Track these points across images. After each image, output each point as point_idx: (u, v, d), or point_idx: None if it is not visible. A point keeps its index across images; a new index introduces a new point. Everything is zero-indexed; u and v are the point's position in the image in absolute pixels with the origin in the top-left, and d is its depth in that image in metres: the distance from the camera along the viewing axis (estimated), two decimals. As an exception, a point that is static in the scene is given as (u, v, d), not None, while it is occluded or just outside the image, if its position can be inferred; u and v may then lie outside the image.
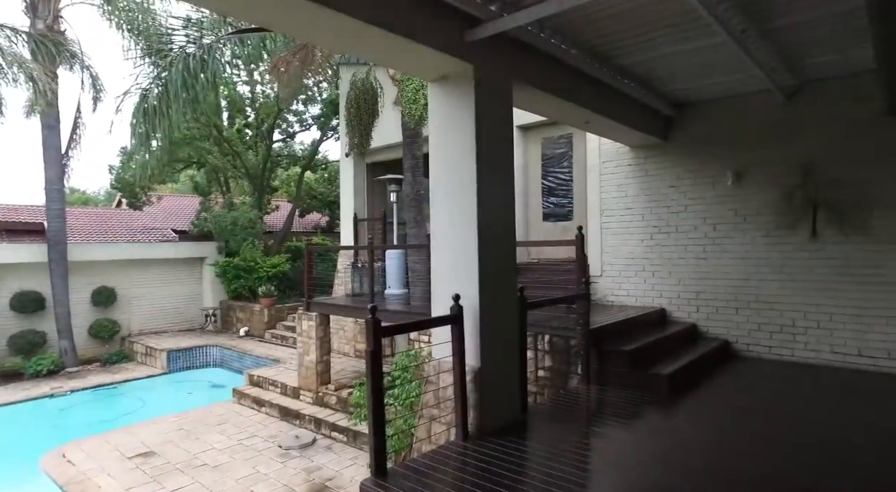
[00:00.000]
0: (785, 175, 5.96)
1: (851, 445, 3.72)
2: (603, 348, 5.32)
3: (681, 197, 6.70)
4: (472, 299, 3.91)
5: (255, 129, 18.57)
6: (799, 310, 5.89)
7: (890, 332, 5.38)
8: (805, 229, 5.83)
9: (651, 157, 6.96)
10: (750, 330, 6.21)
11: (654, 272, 6.92)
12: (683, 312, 6.70)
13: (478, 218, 3.92)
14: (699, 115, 6.58)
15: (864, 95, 5.50)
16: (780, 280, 6.00)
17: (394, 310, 7.92)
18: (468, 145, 3.96)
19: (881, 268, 5.43)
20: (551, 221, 8.29)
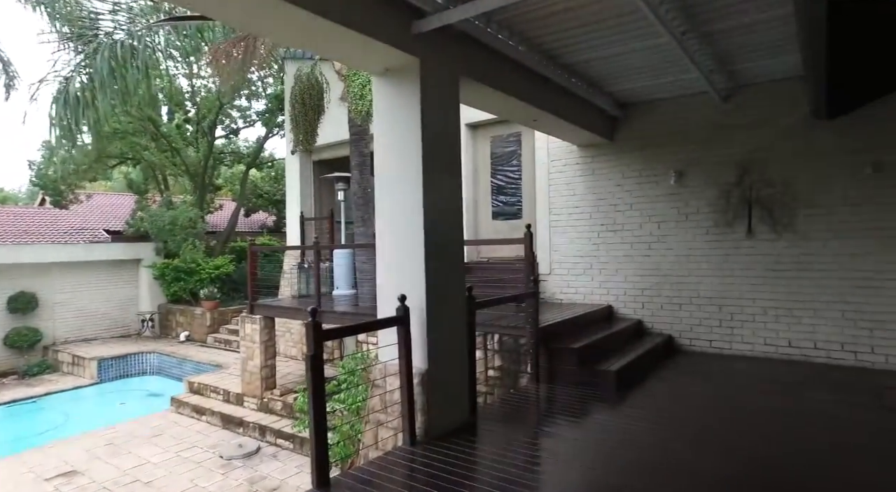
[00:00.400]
0: (723, 175, 6.16)
1: (780, 432, 3.84)
2: (552, 347, 5.32)
3: (627, 195, 6.83)
4: (419, 300, 3.80)
5: (196, 124, 17.74)
6: (736, 305, 6.10)
7: (816, 323, 5.65)
8: (742, 227, 6.05)
9: (598, 156, 7.06)
10: (692, 325, 6.39)
11: (602, 270, 7.02)
12: (630, 309, 6.83)
13: (424, 216, 3.80)
14: (643, 116, 6.72)
15: (793, 99, 5.74)
16: (720, 276, 6.20)
17: (342, 311, 7.70)
18: (414, 141, 3.84)
19: (807, 263, 5.69)
20: (501, 219, 8.28)
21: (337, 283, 9.42)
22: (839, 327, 5.54)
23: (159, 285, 14.99)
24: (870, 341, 5.40)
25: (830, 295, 5.58)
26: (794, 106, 5.75)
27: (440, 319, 3.92)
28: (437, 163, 3.94)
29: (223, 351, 12.63)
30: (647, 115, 6.68)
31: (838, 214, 5.54)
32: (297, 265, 10.28)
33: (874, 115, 5.36)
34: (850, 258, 5.49)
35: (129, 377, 12.51)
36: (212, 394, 9.14)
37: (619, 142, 6.90)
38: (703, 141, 6.29)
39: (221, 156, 19.29)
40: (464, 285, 4.22)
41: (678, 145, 6.45)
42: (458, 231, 4.18)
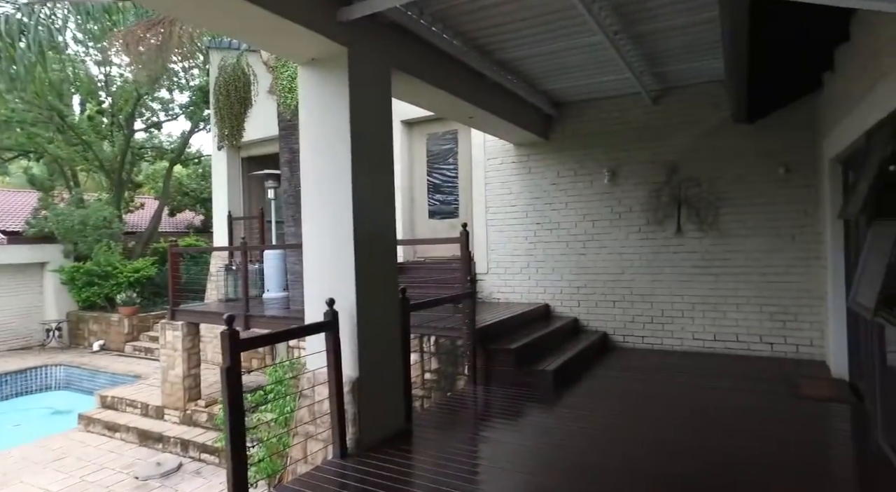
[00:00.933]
0: (653, 174, 6.31)
1: (708, 425, 3.92)
2: (489, 347, 5.22)
3: (562, 194, 6.87)
4: (349, 303, 3.57)
5: (111, 116, 16.41)
6: (666, 301, 6.27)
7: (738, 318, 5.89)
8: (671, 225, 6.22)
9: (533, 154, 7.06)
10: (626, 322, 6.52)
11: (538, 269, 7.03)
12: (566, 308, 6.87)
13: (353, 214, 3.58)
14: (577, 115, 6.78)
15: (716, 103, 5.97)
16: (651, 274, 6.34)
17: (272, 315, 7.30)
18: (342, 136, 3.60)
19: (729, 260, 5.93)
20: (438, 218, 8.14)
21: (267, 285, 8.94)
22: (758, 321, 5.80)
23: (68, 291, 13.73)
24: (783, 333, 5.68)
25: (750, 290, 5.83)
26: (717, 109, 5.97)
27: (372, 322, 3.71)
28: (367, 159, 3.73)
29: (143, 360, 11.72)
30: (582, 114, 6.75)
31: (755, 213, 5.80)
32: (224, 267, 9.70)
33: (786, 120, 5.64)
34: (765, 255, 5.76)
35: (30, 394, 11.32)
36: (128, 408, 8.42)
37: (554, 140, 6.94)
38: (635, 141, 6.42)
39: (142, 151, 17.98)
40: (396, 287, 4.03)
41: (611, 145, 6.56)
42: (390, 230, 3.99)
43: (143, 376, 10.16)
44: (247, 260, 7.16)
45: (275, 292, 8.80)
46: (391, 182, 4.00)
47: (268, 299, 8.68)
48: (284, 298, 8.32)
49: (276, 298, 8.59)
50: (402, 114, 7.92)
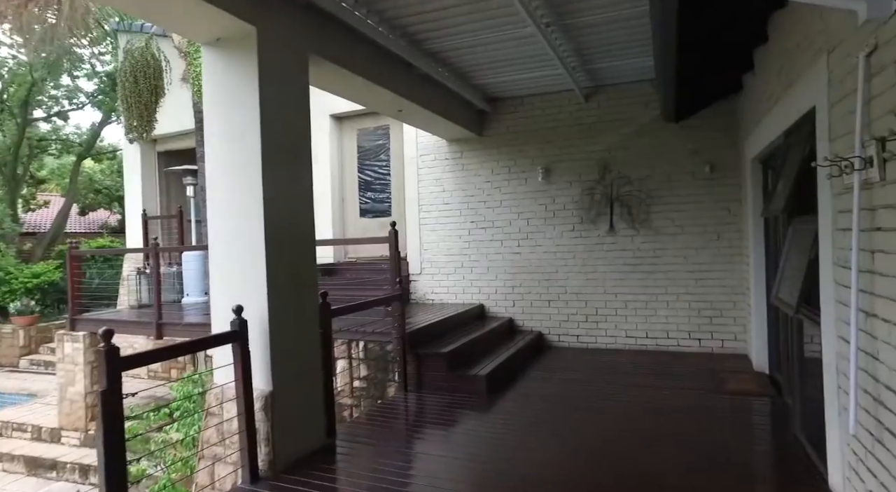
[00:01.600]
0: (587, 172, 6.29)
1: (640, 427, 3.87)
2: (420, 352, 4.98)
3: (496, 192, 6.73)
4: (260, 310, 3.21)
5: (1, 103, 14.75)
6: (601, 299, 6.26)
7: (668, 315, 5.97)
8: (604, 224, 6.22)
9: (467, 151, 6.89)
10: (560, 321, 6.46)
11: (473, 268, 6.86)
12: (501, 308, 6.75)
13: (265, 211, 3.22)
14: (511, 111, 6.66)
15: (646, 101, 6.02)
16: (585, 273, 6.32)
17: (190, 322, 6.70)
18: (251, 125, 3.24)
19: (660, 258, 6.00)
20: (369, 216, 7.82)
21: (187, 289, 8.31)
22: (686, 317, 5.90)
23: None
24: (709, 329, 5.81)
25: (679, 287, 5.92)
26: (647, 108, 6.02)
27: (288, 330, 3.37)
28: (281, 151, 3.38)
29: (42, 376, 10.58)
30: (516, 110, 6.64)
31: (683, 211, 5.89)
32: (136, 271, 8.92)
33: (711, 120, 5.76)
34: (693, 252, 5.87)
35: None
36: (15, 433, 7.49)
37: (488, 137, 6.79)
38: (568, 138, 6.37)
39: (43, 143, 16.34)
40: (316, 291, 3.70)
41: (545, 142, 6.49)
42: (308, 230, 3.65)
43: (39, 393, 9.14)
44: (158, 263, 6.54)
45: (195, 297, 8.18)
46: (309, 177, 3.66)
47: (187, 304, 8.04)
48: (205, 302, 7.73)
49: (196, 303, 7.97)
50: (330, 108, 7.53)
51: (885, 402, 2.02)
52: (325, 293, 3.80)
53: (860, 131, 2.09)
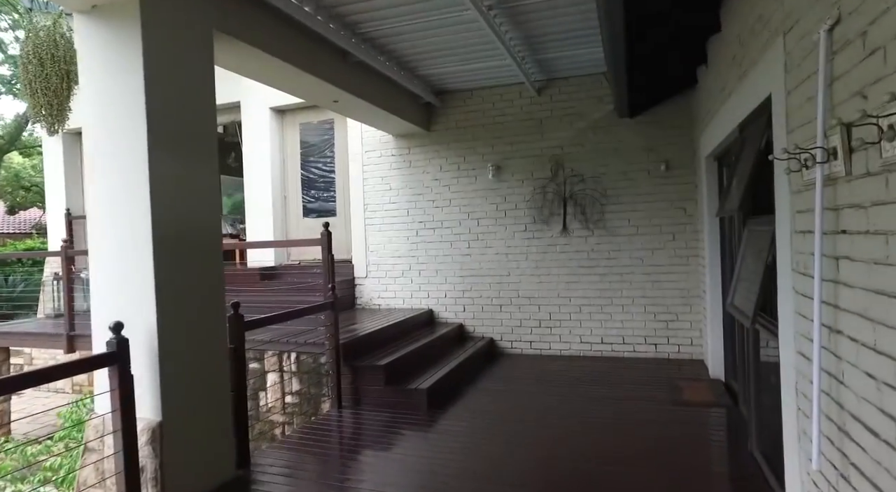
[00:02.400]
0: (539, 169, 5.99)
1: (587, 444, 3.56)
2: (356, 364, 4.56)
3: (445, 190, 6.36)
4: (147, 327, 2.74)
5: None
6: (554, 304, 5.97)
7: (624, 319, 5.72)
8: (557, 224, 5.93)
9: (415, 147, 6.49)
10: (513, 327, 6.14)
11: (421, 271, 6.47)
12: (451, 313, 6.38)
13: (153, 211, 2.75)
14: (460, 105, 6.30)
15: (600, 96, 5.75)
16: (538, 275, 6.02)
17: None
18: (134, 108, 2.76)
19: (615, 260, 5.74)
20: (313, 216, 7.33)
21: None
22: (642, 322, 5.66)
23: None
24: (665, 333, 5.58)
25: (635, 290, 5.68)
26: (601, 102, 5.75)
27: (184, 349, 2.90)
28: (175, 142, 2.91)
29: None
30: (465, 104, 6.28)
31: (639, 211, 5.65)
32: (53, 276, 8.20)
33: (666, 115, 5.53)
34: (648, 254, 5.63)
35: None
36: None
37: (436, 132, 6.41)
38: (519, 134, 6.06)
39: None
40: (223, 300, 3.24)
41: (495, 138, 6.15)
42: (213, 232, 3.18)
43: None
44: (69, 268, 5.90)
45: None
46: (215, 172, 3.19)
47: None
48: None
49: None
50: (270, 100, 7.01)
51: (850, 433, 1.72)
52: (237, 304, 3.35)
53: (822, 118, 1.79)
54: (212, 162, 3.17)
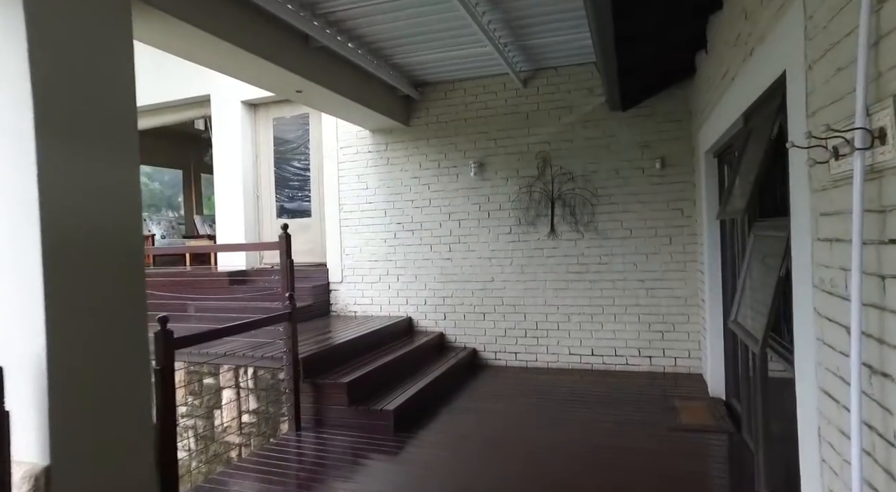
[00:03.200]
0: (524, 167, 5.54)
1: (573, 473, 3.11)
2: (318, 381, 4.11)
3: (424, 189, 5.91)
4: (31, 351, 2.28)
5: None
6: (541, 312, 5.52)
7: (616, 329, 5.27)
8: (545, 225, 5.48)
9: (392, 143, 6.04)
10: (497, 336, 5.69)
11: (399, 276, 6.02)
12: (431, 321, 5.93)
13: (43, 211, 2.28)
14: (441, 97, 5.85)
15: (590, 87, 5.31)
16: (524, 281, 5.57)
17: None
18: (17, 88, 2.30)
19: (607, 265, 5.30)
20: (287, 217, 6.88)
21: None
22: (636, 332, 5.21)
23: None
24: (661, 345, 5.14)
25: (628, 298, 5.23)
26: (592, 94, 5.31)
27: (91, 374, 2.44)
28: (77, 128, 2.45)
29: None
30: (446, 97, 5.83)
31: (632, 212, 5.21)
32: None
33: (661, 108, 5.09)
34: (642, 259, 5.19)
35: None
36: None
37: (415, 127, 5.96)
38: (504, 129, 5.61)
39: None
40: (145, 317, 2.78)
41: (479, 133, 5.70)
42: (132, 236, 2.71)
43: None
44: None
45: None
46: (134, 163, 2.73)
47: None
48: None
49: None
50: (241, 93, 6.56)
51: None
52: (165, 319, 2.89)
53: (863, 90, 1.34)
54: (131, 154, 2.71)
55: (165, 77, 6.94)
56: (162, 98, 7.10)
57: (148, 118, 7.46)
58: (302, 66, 4.23)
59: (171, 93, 7.04)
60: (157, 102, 7.16)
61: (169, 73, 6.81)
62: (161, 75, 6.96)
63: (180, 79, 6.87)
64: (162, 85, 6.99)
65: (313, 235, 6.67)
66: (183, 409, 4.57)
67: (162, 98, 7.10)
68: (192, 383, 4.54)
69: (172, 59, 4.16)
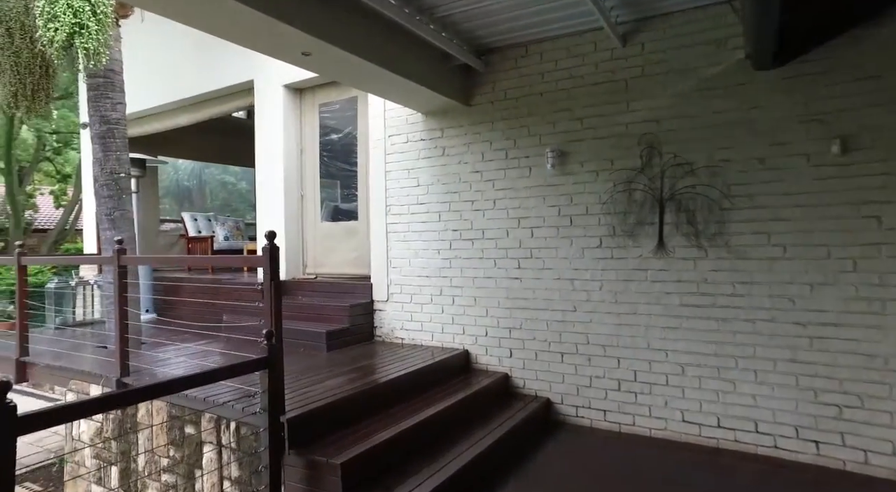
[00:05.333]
0: (622, 156, 4.01)
1: None
2: (312, 455, 2.94)
3: (487, 187, 4.57)
4: None
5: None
6: (642, 358, 3.96)
7: (758, 393, 3.57)
8: (650, 238, 3.92)
9: (449, 128, 4.77)
10: (579, 385, 4.21)
11: (455, 298, 4.74)
12: (493, 357, 4.58)
13: None
14: (510, 66, 4.48)
15: (722, 38, 3.66)
16: (618, 314, 4.04)
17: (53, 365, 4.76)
18: None
19: (743, 298, 3.61)
20: (333, 220, 5.88)
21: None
22: (792, 401, 3.48)
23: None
24: (838, 427, 3.36)
25: (778, 349, 3.51)
26: (724, 47, 3.66)
27: None
28: None
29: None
30: (517, 65, 4.45)
31: (789, 220, 3.49)
32: (78, 280, 7.56)
33: (840, 59, 3.32)
34: (806, 291, 3.45)
35: None
36: None
37: (478, 107, 4.64)
38: (595, 104, 4.11)
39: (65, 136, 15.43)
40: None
41: (559, 111, 4.26)
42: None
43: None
44: (24, 274, 4.88)
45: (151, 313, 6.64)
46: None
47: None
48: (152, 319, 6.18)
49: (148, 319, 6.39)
50: (283, 76, 5.67)
51: None
52: (7, 385, 1.84)
53: None
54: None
55: (208, 64, 6.27)
56: (205, 88, 6.43)
57: (194, 112, 6.88)
58: (309, 18, 3.11)
59: (214, 81, 6.34)
60: (201, 93, 6.52)
61: (212, 56, 6.11)
62: (203, 62, 6.31)
63: (223, 64, 6.14)
64: (205, 74, 6.34)
65: (360, 242, 5.59)
66: (165, 461, 3.64)
67: (205, 88, 6.43)
68: (172, 429, 3.59)
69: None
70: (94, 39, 4.24)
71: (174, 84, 6.79)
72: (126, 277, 3.98)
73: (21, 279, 4.85)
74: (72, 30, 4.15)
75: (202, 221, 8.92)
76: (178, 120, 7.28)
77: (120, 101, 5.14)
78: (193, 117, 7.03)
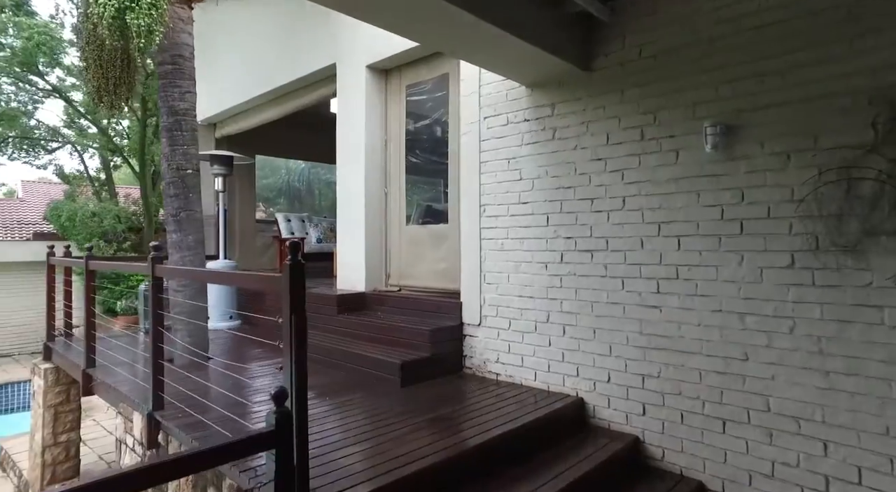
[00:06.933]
0: (836, 127, 2.60)
1: None
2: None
3: (614, 180, 3.35)
4: None
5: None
6: (871, 447, 2.52)
7: None
8: (888, 255, 2.48)
9: (562, 103, 3.61)
10: (752, 472, 2.86)
11: (567, 327, 3.57)
12: (619, 412, 3.36)
13: None
14: (648, 13, 3.22)
15: None
16: (825, 371, 2.64)
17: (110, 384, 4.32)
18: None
19: None
20: (419, 223, 4.99)
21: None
22: None
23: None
24: None
25: None
26: None
27: None
28: None
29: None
30: (655, 11, 3.19)
31: None
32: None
33: None
34: None
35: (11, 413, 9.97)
36: (11, 472, 6.28)
37: (602, 72, 3.43)
38: (790, 51, 2.74)
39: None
40: None
41: (726, 67, 2.93)
42: None
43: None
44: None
45: (216, 322, 6.26)
46: None
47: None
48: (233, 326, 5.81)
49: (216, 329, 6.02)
50: (366, 55, 4.89)
51: None
52: None
53: None
54: None
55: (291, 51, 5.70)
56: (288, 77, 5.88)
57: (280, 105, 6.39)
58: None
59: (297, 69, 5.76)
60: (285, 84, 5.99)
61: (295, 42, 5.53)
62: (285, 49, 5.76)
63: (305, 48, 5.53)
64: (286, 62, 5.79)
65: (450, 250, 4.63)
66: (192, 524, 2.92)
67: (288, 77, 5.88)
68: (196, 486, 2.86)
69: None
70: (146, 14, 3.71)
71: (259, 75, 6.36)
72: (161, 291, 3.36)
73: (89, 284, 4.53)
74: (122, 4, 3.66)
75: (295, 222, 8.56)
76: (265, 115, 6.88)
77: (189, 89, 4.66)
78: (281, 111, 6.57)
